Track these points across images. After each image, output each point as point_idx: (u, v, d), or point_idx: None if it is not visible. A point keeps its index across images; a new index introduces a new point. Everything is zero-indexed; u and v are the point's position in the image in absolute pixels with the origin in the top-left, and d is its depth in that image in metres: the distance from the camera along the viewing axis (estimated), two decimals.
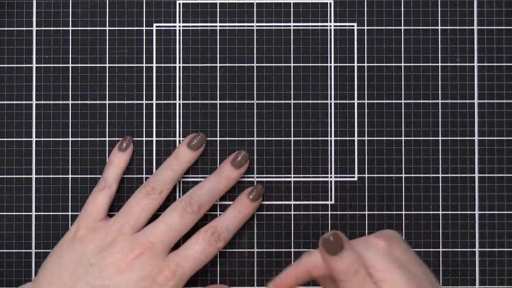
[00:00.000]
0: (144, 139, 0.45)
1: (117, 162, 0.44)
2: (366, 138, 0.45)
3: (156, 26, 0.45)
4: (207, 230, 0.41)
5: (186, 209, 0.41)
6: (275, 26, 0.45)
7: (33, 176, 0.45)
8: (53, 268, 0.40)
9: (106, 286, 0.39)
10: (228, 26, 0.45)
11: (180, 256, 0.40)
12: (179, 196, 0.45)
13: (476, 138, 0.45)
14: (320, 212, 0.45)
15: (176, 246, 0.42)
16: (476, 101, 0.45)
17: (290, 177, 0.45)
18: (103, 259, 0.39)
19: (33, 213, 0.45)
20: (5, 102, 0.45)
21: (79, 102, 0.45)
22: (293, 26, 0.45)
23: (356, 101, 0.45)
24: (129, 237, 0.40)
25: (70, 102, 0.45)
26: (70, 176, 0.45)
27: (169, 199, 0.44)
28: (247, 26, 0.45)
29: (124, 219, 0.41)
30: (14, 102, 0.45)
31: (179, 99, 0.45)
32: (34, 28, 0.45)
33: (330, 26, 0.45)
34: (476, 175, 0.45)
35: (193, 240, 0.41)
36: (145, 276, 0.39)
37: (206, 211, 0.42)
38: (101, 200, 0.42)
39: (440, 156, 0.45)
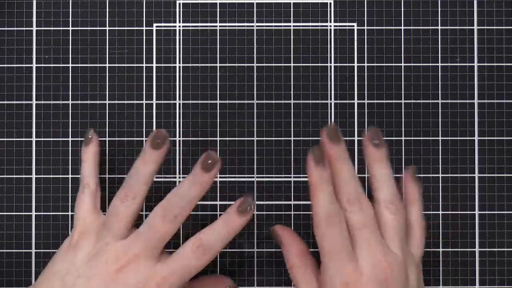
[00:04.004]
0: (144, 139, 0.45)
1: (86, 157, 0.42)
2: None
3: (156, 26, 0.45)
4: (194, 242, 0.39)
5: (165, 217, 0.39)
6: (275, 26, 0.45)
7: (33, 176, 0.45)
8: (49, 275, 0.40)
9: None
10: (228, 26, 0.45)
11: (167, 270, 0.39)
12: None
13: (476, 138, 0.45)
14: None
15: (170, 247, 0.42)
16: (476, 101, 0.45)
17: (290, 177, 0.45)
18: (89, 269, 0.39)
19: (33, 213, 0.45)
20: (5, 102, 0.45)
21: (79, 102, 0.45)
22: (293, 26, 0.45)
23: (356, 101, 0.45)
24: (113, 247, 0.39)
25: (70, 102, 0.45)
26: (70, 176, 0.45)
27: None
28: (247, 26, 0.45)
29: (106, 228, 0.40)
30: (14, 102, 0.45)
31: (179, 99, 0.45)
32: (34, 28, 0.45)
33: (330, 26, 0.45)
34: (476, 175, 0.45)
35: (180, 253, 0.39)
36: None
37: (187, 216, 0.40)
38: (84, 201, 0.41)
39: (440, 156, 0.45)
